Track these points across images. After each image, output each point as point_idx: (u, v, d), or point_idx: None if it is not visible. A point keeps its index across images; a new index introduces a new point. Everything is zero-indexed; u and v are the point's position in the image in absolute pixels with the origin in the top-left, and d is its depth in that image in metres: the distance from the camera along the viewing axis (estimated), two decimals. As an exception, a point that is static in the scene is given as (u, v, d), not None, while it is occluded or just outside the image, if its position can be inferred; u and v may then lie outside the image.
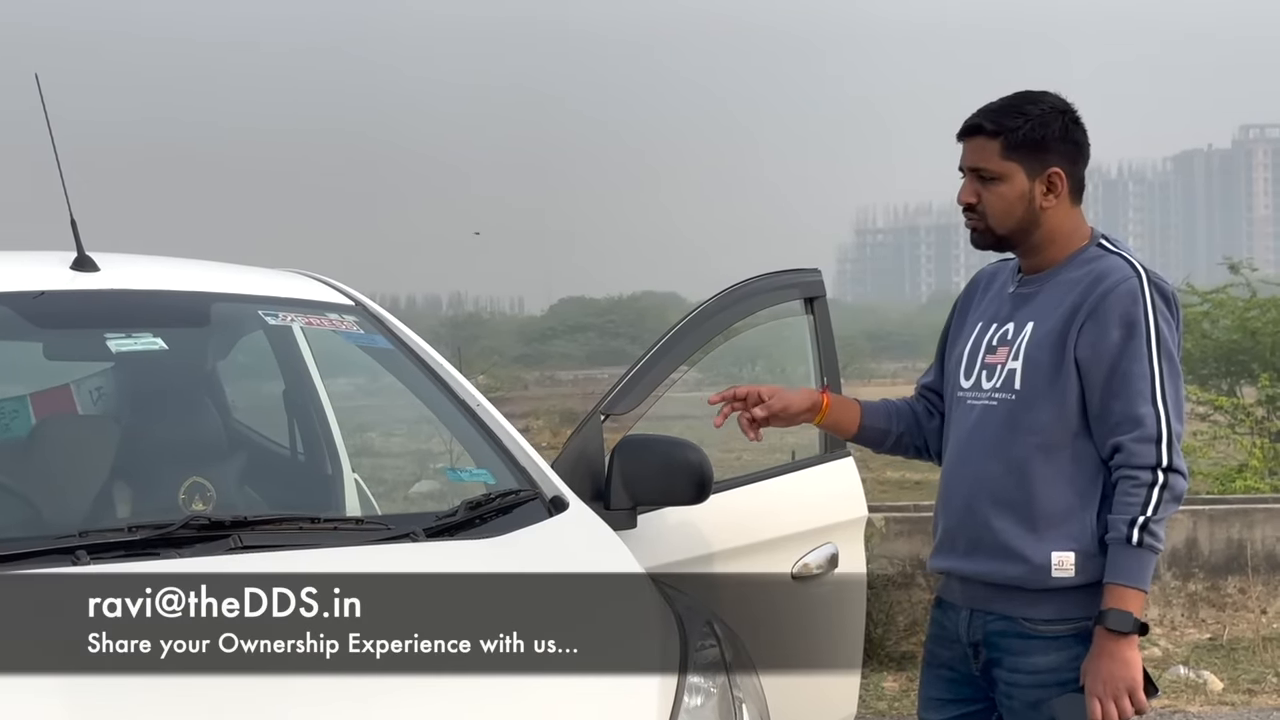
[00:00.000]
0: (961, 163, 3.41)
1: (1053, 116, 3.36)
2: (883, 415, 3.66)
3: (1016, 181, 3.34)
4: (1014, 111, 3.36)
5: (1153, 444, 3.19)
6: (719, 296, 4.43)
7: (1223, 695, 7.50)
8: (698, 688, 3.09)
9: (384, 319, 4.24)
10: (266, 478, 4.27)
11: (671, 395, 4.60)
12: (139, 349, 3.87)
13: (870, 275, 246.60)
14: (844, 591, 4.39)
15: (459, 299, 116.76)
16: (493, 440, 3.89)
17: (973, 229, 3.41)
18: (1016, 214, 3.35)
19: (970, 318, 3.54)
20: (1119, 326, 3.24)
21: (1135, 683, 3.18)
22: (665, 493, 3.95)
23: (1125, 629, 3.16)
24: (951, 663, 3.48)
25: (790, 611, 4.29)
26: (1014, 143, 3.33)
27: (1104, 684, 3.18)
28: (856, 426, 3.67)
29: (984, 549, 3.35)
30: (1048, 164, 3.35)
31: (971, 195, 3.38)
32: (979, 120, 3.38)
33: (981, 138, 3.36)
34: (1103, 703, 3.18)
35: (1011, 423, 3.33)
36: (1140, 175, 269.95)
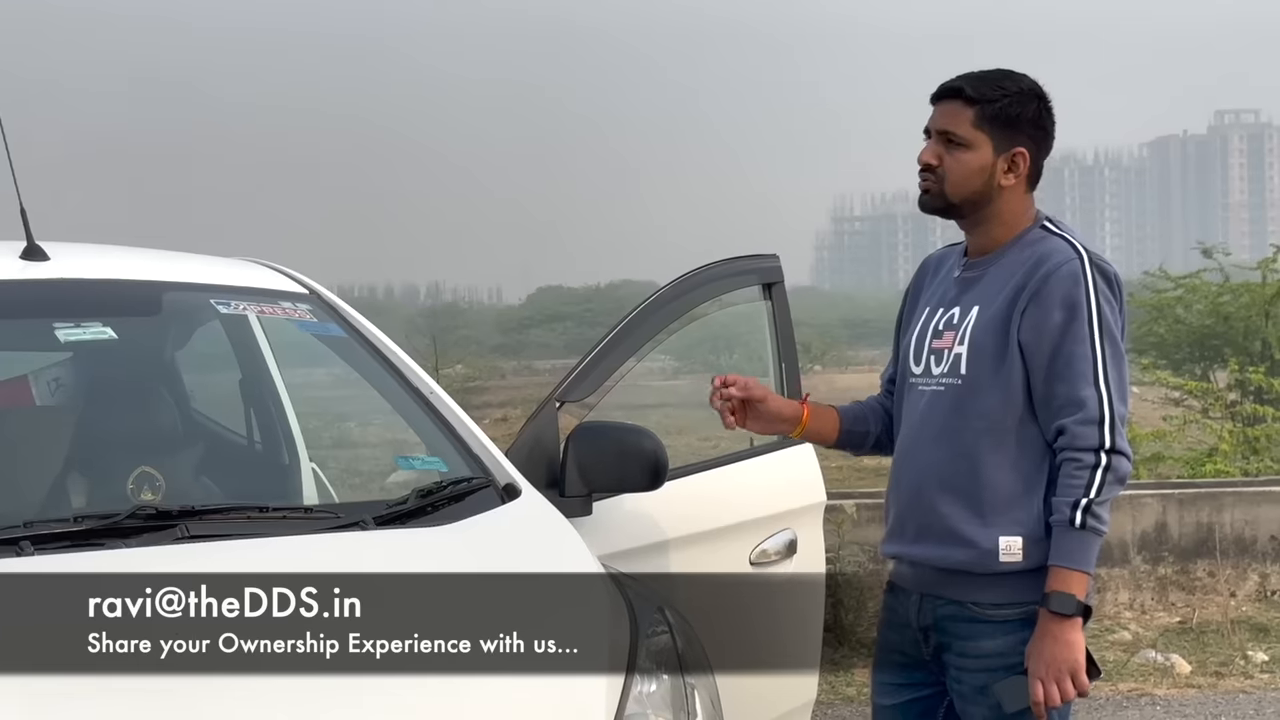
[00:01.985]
0: (930, 124, 3.39)
1: (1029, 98, 3.36)
2: (859, 418, 3.66)
3: (982, 152, 3.33)
4: (994, 84, 3.35)
5: (1095, 426, 3.18)
6: (676, 283, 4.41)
7: (1190, 678, 7.51)
8: (648, 674, 3.08)
9: (338, 307, 4.21)
10: (223, 467, 4.23)
11: (649, 384, 4.59)
12: (88, 339, 3.84)
13: (848, 263, 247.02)
14: (803, 578, 4.38)
15: (436, 289, 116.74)
16: (446, 428, 3.86)
17: (925, 190, 3.39)
18: (974, 185, 3.34)
19: (920, 303, 3.53)
20: (1061, 309, 3.22)
21: (1077, 664, 3.17)
22: (620, 479, 3.93)
23: (1068, 611, 3.16)
24: (902, 647, 3.48)
25: (748, 598, 4.28)
26: (989, 114, 3.32)
27: (1046, 666, 3.17)
28: (836, 433, 3.67)
29: (933, 534, 3.35)
30: (1015, 142, 3.34)
31: (933, 157, 3.36)
32: (959, 84, 3.37)
33: (958, 102, 3.35)
34: (1044, 684, 3.17)
35: (958, 408, 3.32)
36: (1116, 161, 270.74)
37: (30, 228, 3.94)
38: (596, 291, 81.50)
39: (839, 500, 8.11)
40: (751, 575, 4.29)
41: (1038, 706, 3.19)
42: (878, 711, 3.58)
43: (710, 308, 4.59)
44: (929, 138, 3.40)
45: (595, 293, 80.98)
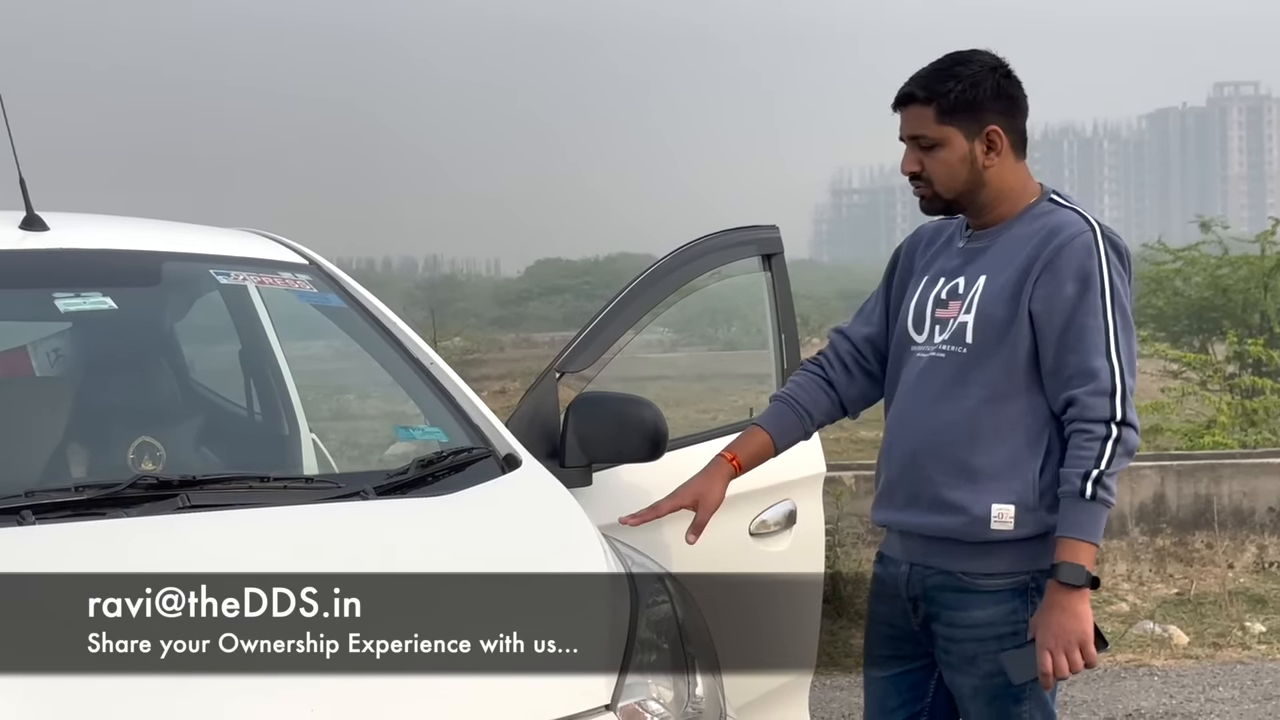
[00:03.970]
0: (901, 132, 3.39)
1: (984, 75, 3.33)
2: (791, 426, 3.59)
3: (956, 145, 3.32)
4: (944, 75, 3.33)
5: (1107, 397, 3.17)
6: (675, 253, 4.40)
7: (1188, 649, 7.53)
8: (649, 643, 3.08)
9: (338, 277, 4.20)
10: (223, 438, 4.23)
11: (647, 356, 4.58)
12: (88, 308, 3.84)
13: (846, 235, 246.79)
14: (802, 548, 4.38)
15: (434, 261, 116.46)
16: (446, 398, 3.86)
17: (921, 197, 3.39)
18: (961, 177, 3.33)
19: (916, 273, 3.51)
20: (1074, 280, 3.22)
21: (1086, 636, 3.16)
22: (620, 450, 3.93)
23: (1077, 582, 3.15)
24: (891, 619, 3.47)
25: (748, 568, 4.28)
26: (947, 106, 3.31)
27: (1055, 637, 3.17)
28: (772, 453, 3.62)
29: (922, 501, 3.34)
30: (984, 123, 3.32)
31: (914, 164, 3.37)
32: (910, 89, 3.36)
33: (916, 106, 3.34)
34: (1053, 655, 3.17)
35: (960, 376, 3.31)
36: (1115, 134, 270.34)
37: (30, 198, 3.93)
38: (595, 264, 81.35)
39: (837, 472, 8.12)
40: (750, 539, 4.29)
41: (1045, 678, 3.19)
42: (870, 683, 3.57)
43: (708, 280, 4.57)
44: (905, 144, 3.40)
45: (594, 265, 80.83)
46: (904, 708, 3.49)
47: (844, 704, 6.52)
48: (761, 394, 4.26)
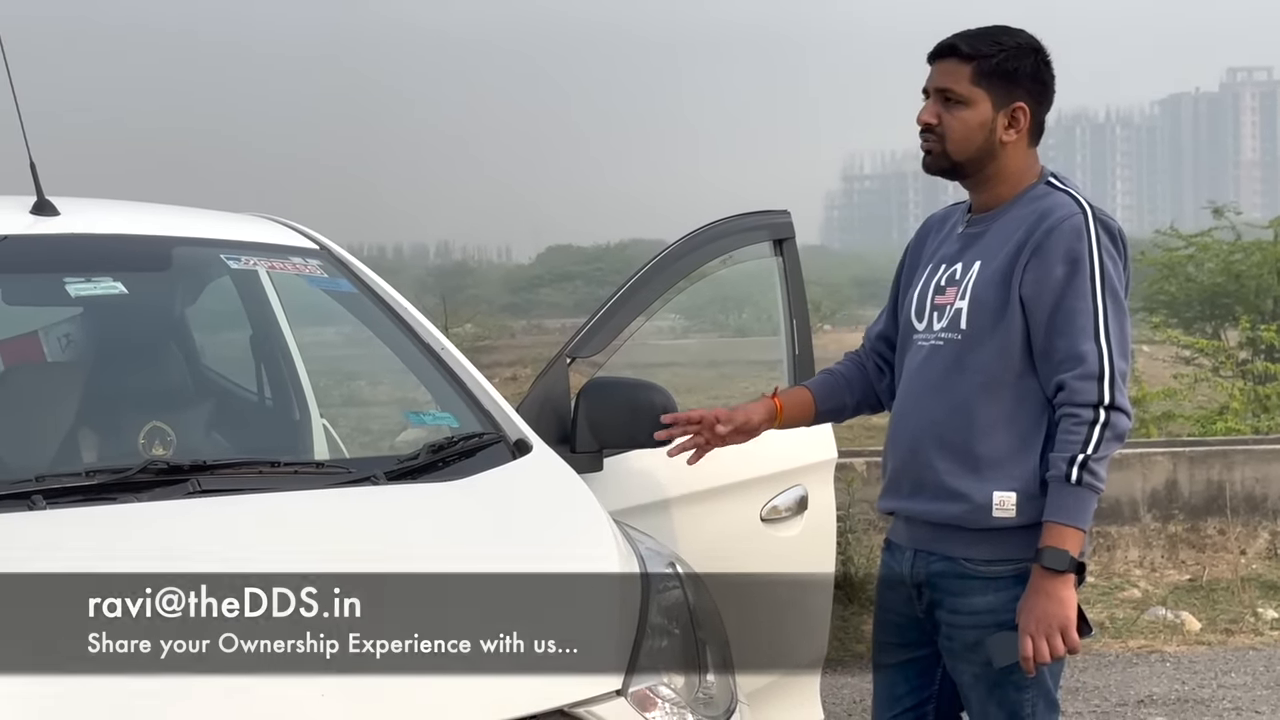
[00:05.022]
0: (927, 84, 3.37)
1: (1026, 52, 3.33)
2: (835, 392, 3.63)
3: (981, 109, 3.30)
4: (990, 39, 3.33)
5: (1094, 381, 3.15)
6: (686, 238, 4.39)
7: (1200, 635, 7.52)
8: (660, 629, 3.07)
9: (348, 263, 4.20)
10: (233, 423, 4.24)
11: (658, 342, 4.57)
12: (99, 293, 3.84)
13: (858, 222, 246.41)
14: (813, 533, 4.38)
15: (446, 247, 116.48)
16: (457, 384, 3.86)
17: (927, 151, 3.36)
18: (976, 142, 3.31)
19: (923, 261, 3.51)
20: (1063, 263, 3.20)
21: (1068, 621, 3.14)
22: (631, 435, 3.92)
23: (1061, 567, 3.13)
24: (897, 605, 3.46)
25: (759, 554, 4.27)
26: (986, 70, 3.30)
27: (1036, 622, 3.15)
28: (813, 414, 3.65)
29: (927, 489, 3.33)
30: (1015, 97, 3.31)
31: (932, 116, 3.34)
32: (954, 42, 3.34)
33: (954, 60, 3.32)
34: (1035, 640, 3.15)
35: (957, 363, 3.30)
36: (1128, 119, 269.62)
37: (40, 182, 3.93)
38: (606, 250, 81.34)
39: (849, 458, 8.10)
40: (761, 525, 4.28)
41: (1026, 662, 3.17)
42: (878, 671, 3.56)
43: (718, 266, 4.56)
44: (927, 98, 3.37)
45: (605, 251, 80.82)
46: (911, 695, 3.48)
47: (855, 690, 6.52)
48: (773, 380, 4.26)
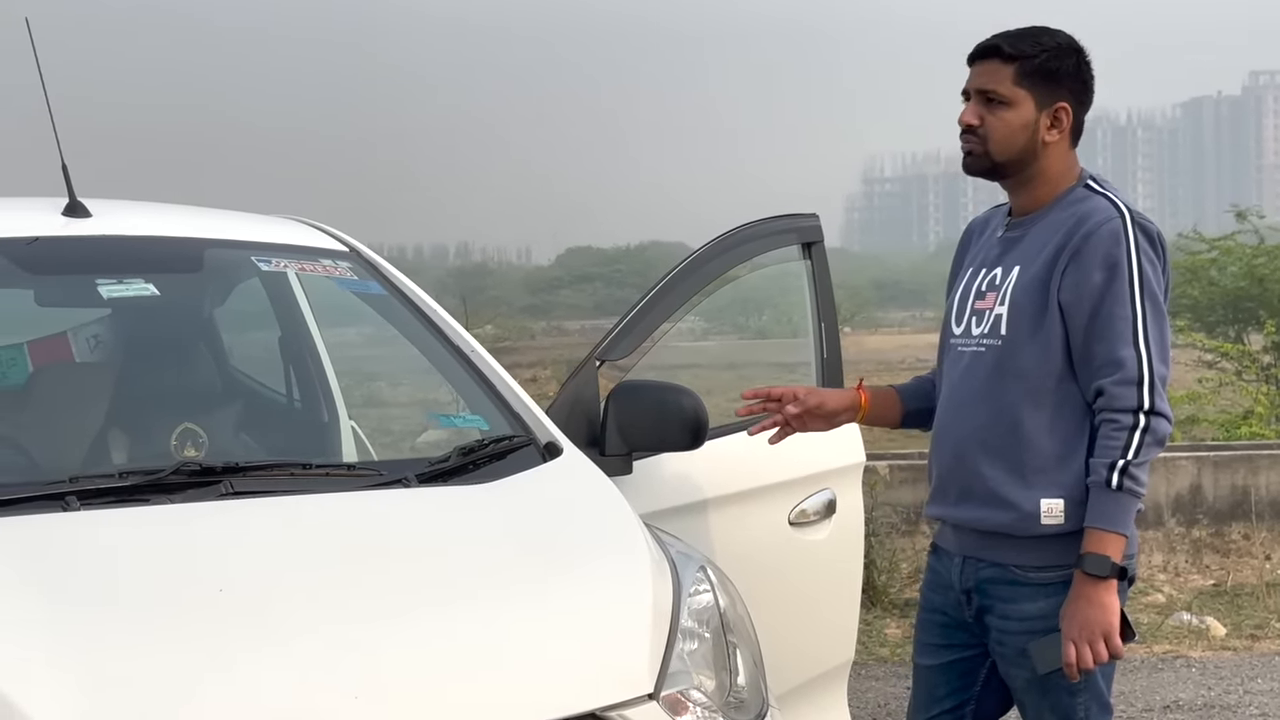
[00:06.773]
0: (968, 85, 3.36)
1: (1068, 52, 3.33)
2: (922, 395, 3.63)
3: (1024, 110, 3.29)
4: (1031, 40, 3.32)
5: (1133, 386, 3.14)
6: (715, 242, 4.39)
7: (1225, 641, 7.49)
8: (691, 633, 3.08)
9: (378, 265, 4.21)
10: (263, 424, 4.25)
11: (678, 344, 4.56)
12: (130, 294, 3.85)
13: (878, 224, 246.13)
14: (841, 537, 4.37)
15: (466, 249, 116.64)
16: (487, 386, 3.86)
17: (968, 152, 3.35)
18: (1018, 143, 3.30)
19: (964, 265, 3.50)
20: (1101, 268, 3.19)
21: (1111, 627, 3.14)
22: (660, 439, 3.93)
23: (1103, 573, 3.13)
24: (945, 608, 3.47)
25: (787, 557, 4.27)
26: (1028, 70, 3.29)
27: (1079, 628, 3.15)
28: (900, 414, 3.65)
29: (975, 496, 3.33)
30: (1057, 98, 3.30)
31: (974, 117, 3.32)
32: (996, 42, 3.33)
33: (996, 61, 3.31)
34: (1077, 646, 3.15)
35: (999, 369, 3.29)
36: (1149, 122, 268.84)
37: (72, 184, 3.95)
38: (626, 252, 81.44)
39: (873, 462, 8.09)
40: (790, 528, 4.28)
41: (1069, 668, 3.17)
42: (919, 671, 3.58)
43: (740, 269, 4.56)
44: (967, 100, 3.36)
45: (624, 253, 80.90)
46: (951, 696, 3.49)
47: (879, 693, 6.51)
48: (795, 383, 4.24)
